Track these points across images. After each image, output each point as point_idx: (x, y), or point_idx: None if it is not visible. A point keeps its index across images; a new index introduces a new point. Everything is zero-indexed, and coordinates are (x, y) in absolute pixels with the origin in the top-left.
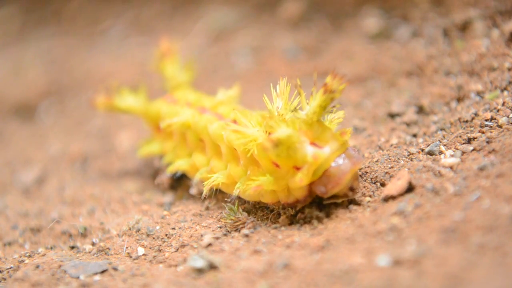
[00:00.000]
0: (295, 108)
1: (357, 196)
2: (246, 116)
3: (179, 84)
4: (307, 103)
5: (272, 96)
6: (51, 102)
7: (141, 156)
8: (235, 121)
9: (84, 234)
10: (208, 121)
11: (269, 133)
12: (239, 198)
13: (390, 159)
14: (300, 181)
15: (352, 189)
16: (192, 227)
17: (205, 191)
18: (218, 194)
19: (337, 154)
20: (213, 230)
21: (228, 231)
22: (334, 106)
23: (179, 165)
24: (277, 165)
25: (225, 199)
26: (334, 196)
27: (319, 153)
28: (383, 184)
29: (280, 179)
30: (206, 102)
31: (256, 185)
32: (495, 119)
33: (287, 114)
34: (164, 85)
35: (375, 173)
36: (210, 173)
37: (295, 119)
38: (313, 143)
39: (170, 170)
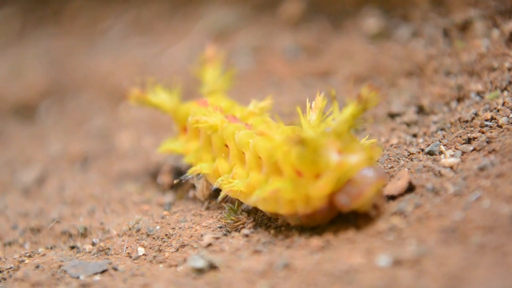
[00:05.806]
0: (326, 118)
1: None
2: (275, 128)
3: (215, 90)
4: (339, 113)
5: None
6: (51, 102)
7: (161, 152)
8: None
9: (84, 234)
10: (236, 128)
11: None
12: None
13: (390, 159)
14: (322, 188)
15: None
16: (192, 227)
17: (222, 193)
18: (218, 195)
19: (363, 164)
20: (213, 230)
21: (228, 231)
22: (366, 120)
23: (202, 168)
24: (299, 174)
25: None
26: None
27: (345, 160)
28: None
29: (300, 187)
30: (237, 111)
31: (273, 189)
32: (495, 119)
33: (319, 127)
34: (201, 89)
35: None
36: (232, 180)
37: (326, 132)
38: (340, 153)
39: (192, 172)
